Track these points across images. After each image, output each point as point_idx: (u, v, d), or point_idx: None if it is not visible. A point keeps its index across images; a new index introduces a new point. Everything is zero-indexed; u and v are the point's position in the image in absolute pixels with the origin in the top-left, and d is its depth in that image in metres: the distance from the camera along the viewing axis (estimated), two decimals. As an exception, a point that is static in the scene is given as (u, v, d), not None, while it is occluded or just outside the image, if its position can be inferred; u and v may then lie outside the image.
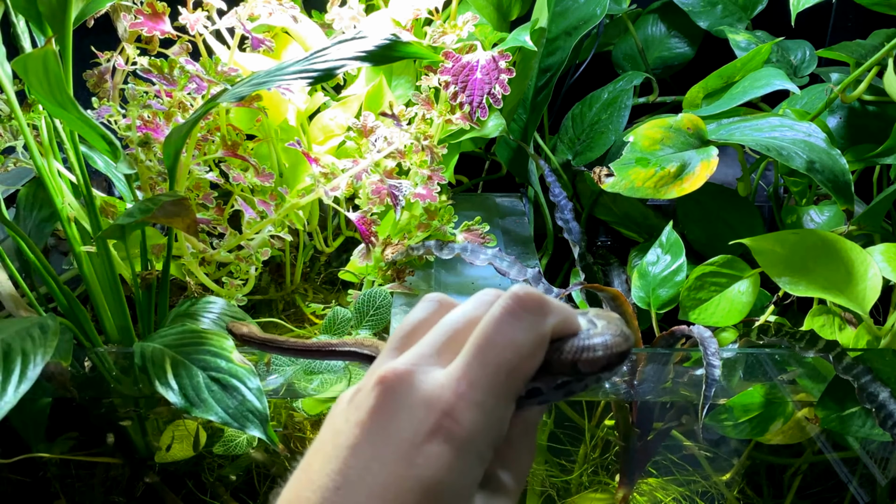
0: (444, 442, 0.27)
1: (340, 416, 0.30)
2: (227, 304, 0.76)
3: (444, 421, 0.27)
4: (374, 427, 0.28)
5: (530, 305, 0.30)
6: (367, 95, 0.88)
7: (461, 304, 0.32)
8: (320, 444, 0.29)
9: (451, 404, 0.27)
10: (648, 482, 0.87)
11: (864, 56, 0.89)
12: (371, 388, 0.29)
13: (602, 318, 0.33)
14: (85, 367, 0.70)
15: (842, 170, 0.73)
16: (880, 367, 0.65)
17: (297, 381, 0.73)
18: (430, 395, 0.28)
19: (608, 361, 0.31)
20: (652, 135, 0.78)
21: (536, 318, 0.30)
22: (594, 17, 0.95)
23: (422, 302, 0.33)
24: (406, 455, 0.27)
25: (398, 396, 0.28)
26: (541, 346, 0.30)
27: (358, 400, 0.29)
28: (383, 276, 0.87)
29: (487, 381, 0.28)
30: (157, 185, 0.79)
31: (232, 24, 0.80)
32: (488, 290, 0.32)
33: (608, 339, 0.31)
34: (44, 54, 0.56)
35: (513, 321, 0.29)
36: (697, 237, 0.93)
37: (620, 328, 0.32)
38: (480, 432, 0.28)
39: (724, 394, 0.75)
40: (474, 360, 0.29)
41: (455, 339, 0.30)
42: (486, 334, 0.29)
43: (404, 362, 0.29)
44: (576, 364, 0.30)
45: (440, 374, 0.29)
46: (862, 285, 0.70)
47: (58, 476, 0.81)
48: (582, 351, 0.30)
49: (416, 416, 0.27)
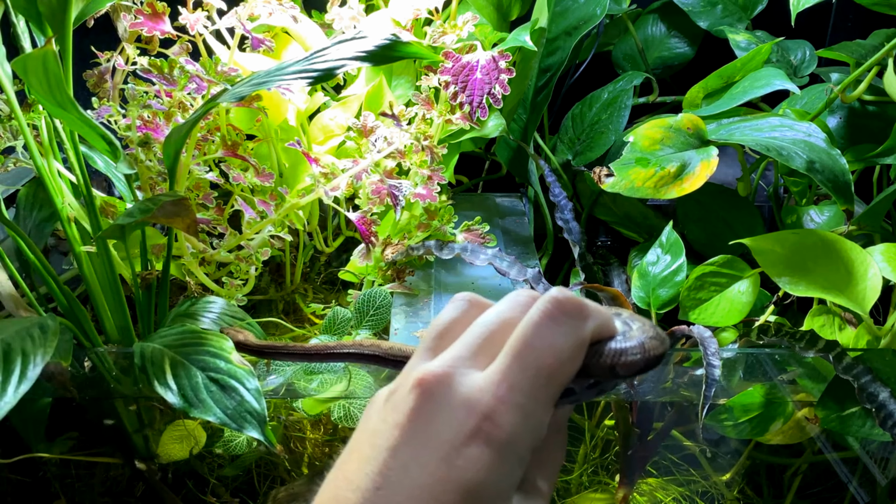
0: (484, 445, 0.27)
1: (377, 417, 0.30)
2: (227, 304, 0.76)
3: (484, 424, 0.27)
4: (413, 429, 0.28)
5: (570, 310, 0.30)
6: (367, 95, 0.88)
7: (494, 306, 0.32)
8: (357, 444, 0.30)
9: (491, 407, 0.28)
10: (648, 482, 0.87)
11: (864, 56, 0.89)
12: (409, 389, 0.29)
13: (637, 320, 0.33)
14: (85, 367, 0.70)
15: (842, 170, 0.72)
16: (880, 367, 0.65)
17: (296, 381, 0.73)
18: (469, 397, 0.28)
19: (646, 364, 0.31)
20: (652, 135, 0.78)
21: (576, 323, 0.30)
22: (594, 17, 0.95)
23: (453, 301, 0.33)
24: (446, 457, 0.27)
25: (437, 399, 0.28)
26: (580, 350, 0.30)
27: (395, 401, 0.29)
28: (383, 276, 0.87)
29: (527, 385, 0.28)
30: (157, 185, 0.79)
31: (232, 24, 0.80)
32: (521, 291, 0.32)
33: (645, 342, 0.31)
34: (44, 54, 0.56)
35: (553, 325, 0.29)
36: (697, 237, 0.93)
37: (656, 330, 0.32)
38: (520, 435, 0.28)
39: (724, 394, 0.75)
40: (514, 363, 0.29)
41: (491, 342, 0.30)
42: (525, 337, 0.29)
43: (441, 364, 0.29)
44: (614, 368, 0.31)
45: (479, 377, 0.29)
46: (862, 285, 0.70)
47: (58, 476, 0.81)
48: (620, 354, 0.31)
49: (455, 419, 0.28)
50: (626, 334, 0.32)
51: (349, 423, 0.74)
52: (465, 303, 0.33)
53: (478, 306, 0.33)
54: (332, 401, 0.75)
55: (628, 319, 0.33)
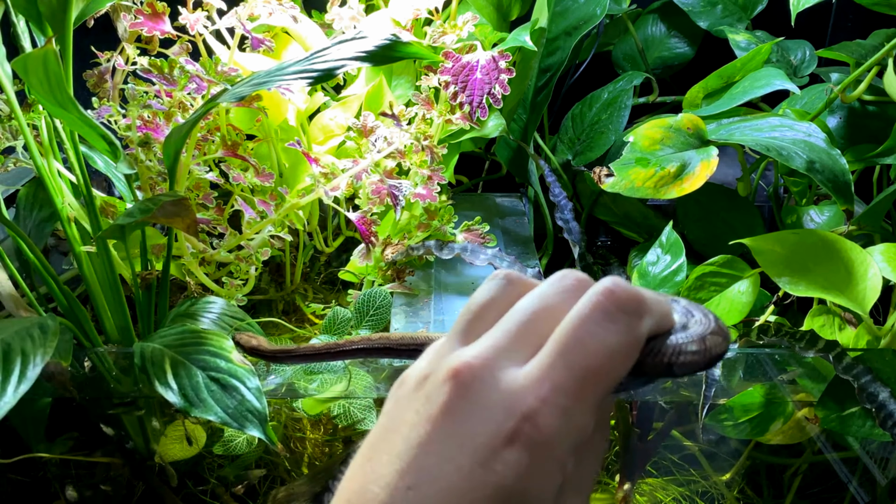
0: (523, 448, 0.25)
1: (407, 405, 0.28)
2: (227, 304, 0.76)
3: (524, 426, 0.25)
4: (447, 425, 0.26)
5: (627, 304, 0.27)
6: (367, 95, 0.88)
7: (538, 288, 0.29)
8: (385, 432, 0.28)
9: (532, 408, 0.25)
10: (648, 482, 0.87)
11: (864, 56, 0.89)
12: (443, 379, 0.27)
13: (697, 311, 0.30)
14: (85, 367, 0.70)
15: (842, 170, 0.72)
16: (880, 367, 0.65)
17: (296, 381, 0.73)
18: (509, 395, 0.26)
19: (706, 364, 0.28)
20: (652, 135, 0.78)
21: (632, 320, 0.27)
22: (594, 17, 0.95)
23: (490, 280, 0.31)
24: (483, 460, 0.25)
25: (474, 394, 0.26)
26: (635, 350, 0.27)
27: (428, 390, 0.27)
28: (383, 276, 0.87)
29: (573, 386, 0.26)
30: (157, 185, 0.79)
31: (232, 24, 0.80)
32: (568, 272, 0.29)
33: (707, 338, 0.28)
34: (44, 54, 0.56)
35: (605, 321, 0.27)
36: (697, 237, 0.93)
37: (718, 324, 0.29)
38: (563, 439, 0.26)
39: (724, 394, 0.75)
40: (560, 360, 0.26)
41: (533, 331, 0.28)
42: (574, 333, 0.27)
43: (478, 355, 0.27)
44: (671, 367, 0.28)
45: (519, 374, 0.26)
46: (862, 285, 0.70)
47: (58, 476, 0.81)
48: (679, 354, 0.28)
49: (493, 418, 0.25)
50: (686, 327, 0.29)
51: (349, 423, 0.74)
52: (503, 281, 0.30)
53: (519, 286, 0.30)
54: (332, 401, 0.75)
55: (688, 309, 0.30)
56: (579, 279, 0.29)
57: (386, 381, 0.72)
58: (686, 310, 0.30)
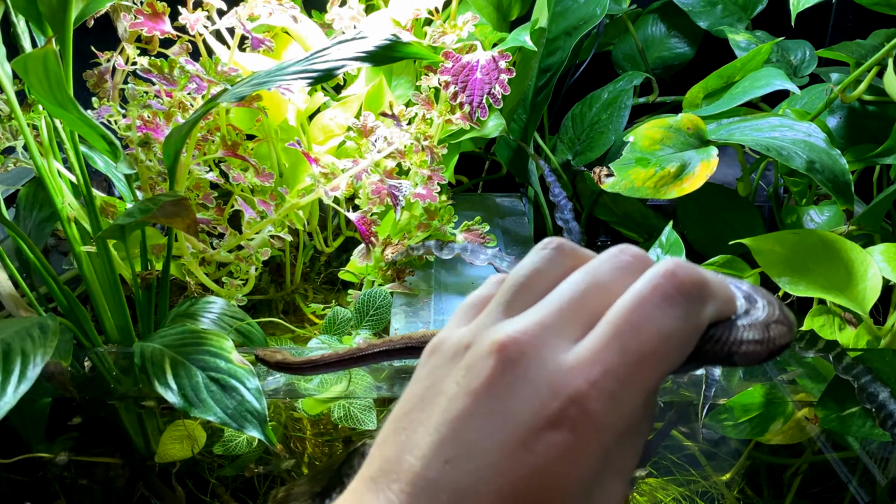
0: (568, 432, 0.24)
1: (445, 374, 0.27)
2: (227, 304, 0.76)
3: (570, 409, 0.24)
4: (489, 400, 0.25)
5: (690, 290, 0.25)
6: (367, 95, 0.88)
7: (591, 262, 0.28)
8: (421, 402, 0.26)
9: (581, 391, 0.24)
10: (648, 482, 0.87)
11: (864, 56, 0.89)
12: (487, 352, 0.25)
13: (760, 296, 0.28)
14: (85, 367, 0.70)
15: (842, 170, 0.72)
16: (880, 367, 0.65)
17: (296, 381, 0.73)
18: (557, 375, 0.24)
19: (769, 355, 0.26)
20: (652, 135, 0.78)
21: (694, 306, 0.26)
22: (594, 17, 0.95)
23: (540, 248, 0.29)
24: (524, 440, 0.24)
25: (519, 370, 0.25)
26: (694, 337, 0.26)
27: (469, 362, 0.26)
28: (383, 276, 0.87)
29: (626, 371, 0.24)
30: (157, 185, 0.79)
31: (232, 24, 0.80)
32: (625, 247, 0.28)
33: (771, 328, 0.26)
34: (44, 54, 0.56)
35: (665, 306, 0.25)
36: (697, 237, 0.93)
37: (783, 312, 0.27)
38: (610, 425, 0.24)
39: (724, 394, 0.75)
40: (613, 343, 0.25)
41: (585, 308, 0.26)
42: (630, 315, 0.25)
43: (526, 329, 0.25)
44: (731, 356, 0.26)
45: (569, 353, 0.25)
46: (862, 285, 0.70)
47: (58, 476, 0.81)
48: (741, 343, 0.26)
49: (538, 398, 0.24)
50: (750, 314, 0.27)
51: (349, 424, 0.74)
52: (554, 252, 0.28)
53: (571, 257, 0.28)
54: (333, 401, 0.75)
55: (752, 292, 0.29)
56: (636, 256, 0.27)
57: (386, 381, 0.72)
58: (749, 294, 0.29)
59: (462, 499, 0.24)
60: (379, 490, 0.25)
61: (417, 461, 0.25)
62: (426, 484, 0.24)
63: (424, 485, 0.24)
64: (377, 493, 0.25)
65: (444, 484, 0.24)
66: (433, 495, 0.24)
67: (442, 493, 0.24)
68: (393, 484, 0.25)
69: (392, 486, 0.25)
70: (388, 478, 0.25)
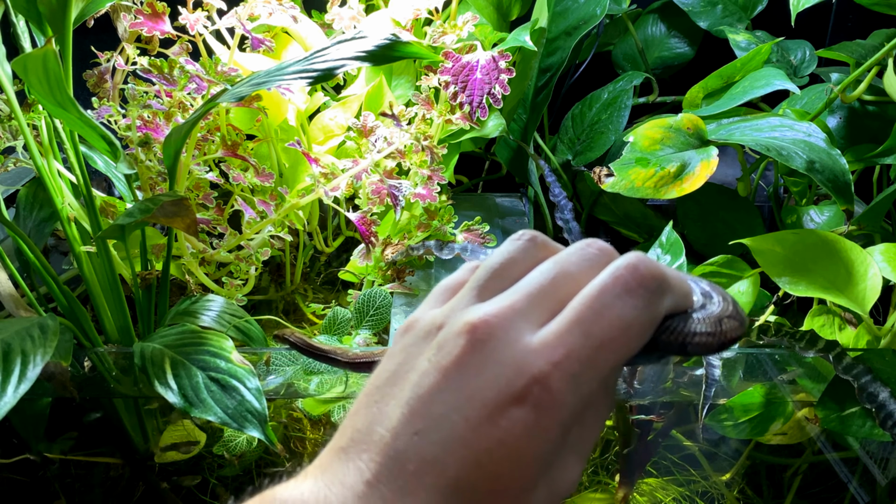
0: (531, 408, 0.26)
1: (417, 352, 0.28)
2: (227, 303, 0.76)
3: (534, 387, 0.26)
4: (458, 377, 0.26)
5: (649, 282, 0.27)
6: (367, 95, 0.88)
7: (560, 253, 0.30)
8: (393, 377, 0.28)
9: (544, 372, 0.26)
10: (648, 482, 0.87)
11: (864, 56, 0.89)
12: (458, 332, 0.27)
13: (717, 293, 0.31)
14: (85, 367, 0.70)
15: (842, 170, 0.72)
16: (880, 367, 0.65)
17: (296, 381, 0.73)
18: (522, 356, 0.26)
19: (720, 346, 0.28)
20: (652, 135, 0.78)
21: (652, 297, 0.27)
22: (594, 17, 0.95)
23: (513, 239, 0.31)
24: (489, 415, 0.26)
25: (488, 350, 0.26)
26: (651, 326, 0.28)
27: (441, 341, 0.27)
28: (383, 276, 0.87)
29: (587, 355, 0.26)
30: (157, 185, 0.79)
31: (232, 24, 0.80)
32: (593, 241, 0.30)
33: (723, 321, 0.29)
34: (44, 54, 0.56)
35: (626, 296, 0.27)
36: (697, 237, 0.93)
37: (736, 308, 0.30)
38: (569, 405, 0.26)
39: (724, 394, 0.75)
40: (576, 328, 0.27)
41: (553, 295, 0.28)
42: (593, 303, 0.27)
43: (496, 313, 0.27)
44: (685, 346, 0.28)
45: (535, 336, 0.27)
46: (862, 285, 0.70)
47: (58, 476, 0.81)
48: (694, 335, 0.28)
49: (504, 376, 0.26)
50: (704, 308, 0.29)
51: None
52: (527, 243, 0.30)
53: (542, 248, 0.30)
54: (336, 401, 0.75)
55: (709, 291, 0.31)
56: (602, 249, 0.29)
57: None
58: (706, 291, 0.31)
59: (429, 468, 0.25)
60: (349, 460, 0.27)
61: (387, 432, 0.26)
62: (395, 454, 0.26)
63: (394, 454, 0.26)
64: (347, 462, 0.27)
65: (412, 454, 0.26)
66: (401, 465, 0.26)
67: (410, 462, 0.26)
68: (363, 454, 0.26)
69: (362, 456, 0.26)
70: (359, 448, 0.27)
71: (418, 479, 0.25)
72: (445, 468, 0.25)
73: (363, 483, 0.26)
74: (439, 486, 0.25)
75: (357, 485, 0.26)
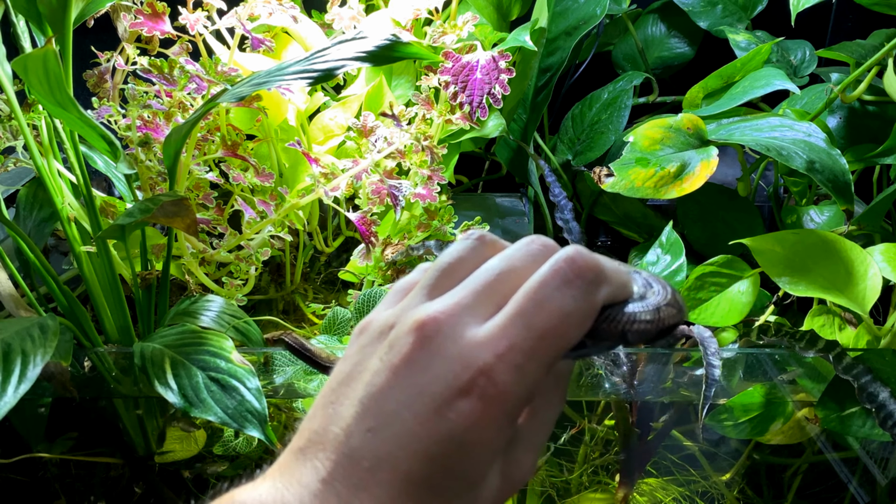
0: (477, 400, 0.27)
1: (370, 352, 0.29)
2: (226, 303, 0.76)
3: (479, 379, 0.27)
4: (407, 373, 0.27)
5: (585, 273, 0.28)
6: (367, 95, 0.88)
7: (504, 251, 0.31)
8: (348, 378, 0.29)
9: (488, 364, 0.27)
10: (648, 482, 0.87)
11: (864, 56, 0.89)
12: (407, 331, 0.28)
13: (656, 283, 0.31)
14: (85, 367, 0.70)
15: (842, 170, 0.72)
16: (880, 367, 0.65)
17: (296, 381, 0.73)
18: (468, 350, 0.27)
19: (658, 334, 0.29)
20: (652, 135, 0.78)
21: (590, 288, 0.29)
22: (594, 17, 0.95)
23: (462, 239, 0.32)
24: (438, 408, 0.27)
25: (435, 346, 0.27)
26: (590, 316, 0.29)
27: (392, 340, 0.28)
28: (383, 276, 0.87)
29: (529, 346, 0.27)
30: (157, 185, 0.79)
31: (232, 24, 0.80)
32: (535, 238, 0.31)
33: (661, 309, 0.30)
34: (44, 54, 0.56)
35: (564, 287, 0.28)
36: (697, 237, 0.93)
37: (674, 297, 0.30)
38: (514, 394, 0.27)
39: (724, 394, 0.75)
40: (518, 321, 0.28)
41: (497, 290, 0.29)
42: (533, 296, 0.28)
43: (443, 309, 0.28)
44: (624, 334, 0.29)
45: (480, 330, 0.28)
46: (862, 285, 0.70)
47: (58, 476, 0.81)
48: (633, 322, 0.29)
49: (451, 370, 0.27)
50: (643, 297, 0.30)
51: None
52: (475, 241, 0.32)
53: (489, 247, 0.32)
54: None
55: (648, 281, 0.31)
56: (545, 244, 0.30)
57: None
58: (646, 281, 0.32)
59: (382, 464, 0.26)
60: (306, 459, 0.27)
61: (342, 431, 0.27)
62: (349, 452, 0.27)
63: (348, 452, 0.27)
64: (304, 462, 0.27)
65: (366, 451, 0.27)
66: (355, 462, 0.27)
67: (364, 459, 0.27)
68: (319, 453, 0.27)
69: (318, 455, 0.27)
70: (315, 447, 0.28)
71: (372, 475, 0.26)
72: (398, 463, 0.26)
73: (319, 481, 0.27)
74: (393, 481, 0.26)
75: (313, 483, 0.27)
